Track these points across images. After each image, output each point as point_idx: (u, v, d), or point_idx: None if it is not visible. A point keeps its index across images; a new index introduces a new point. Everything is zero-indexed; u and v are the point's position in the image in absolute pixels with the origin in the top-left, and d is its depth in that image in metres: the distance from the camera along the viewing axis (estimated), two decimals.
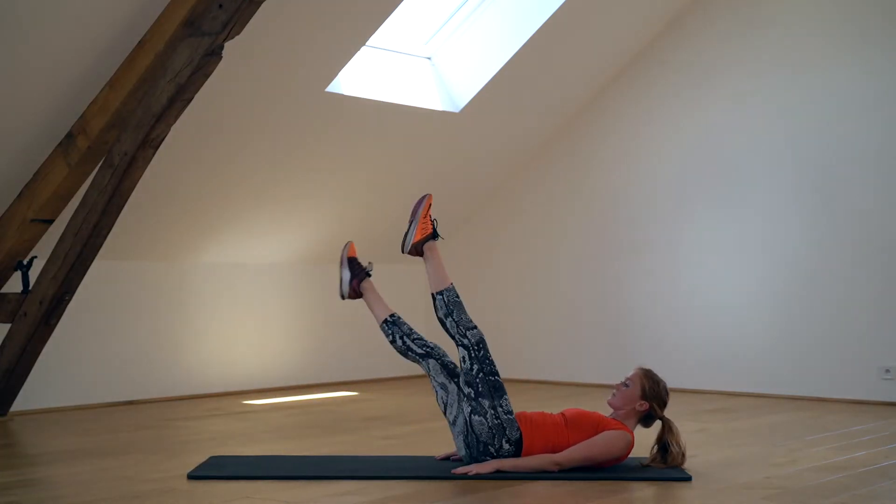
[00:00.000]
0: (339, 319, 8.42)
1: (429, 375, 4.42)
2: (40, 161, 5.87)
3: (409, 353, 4.47)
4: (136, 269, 7.16)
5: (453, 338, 4.39)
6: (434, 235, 4.58)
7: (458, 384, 4.33)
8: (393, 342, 4.51)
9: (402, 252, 4.61)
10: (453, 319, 4.39)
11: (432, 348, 4.47)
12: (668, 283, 7.78)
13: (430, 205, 4.59)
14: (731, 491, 3.94)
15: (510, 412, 4.27)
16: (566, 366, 8.29)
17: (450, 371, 4.41)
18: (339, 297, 4.71)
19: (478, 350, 4.32)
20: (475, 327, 4.39)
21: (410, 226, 4.55)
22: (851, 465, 4.46)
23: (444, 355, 4.46)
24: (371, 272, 4.64)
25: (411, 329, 4.53)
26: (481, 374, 4.28)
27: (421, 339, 4.49)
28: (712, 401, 6.95)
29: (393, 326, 4.52)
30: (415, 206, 4.60)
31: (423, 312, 9.13)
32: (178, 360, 7.38)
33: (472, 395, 4.27)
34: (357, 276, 4.61)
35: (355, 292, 4.63)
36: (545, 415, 4.34)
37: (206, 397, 7.40)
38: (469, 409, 4.26)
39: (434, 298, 4.46)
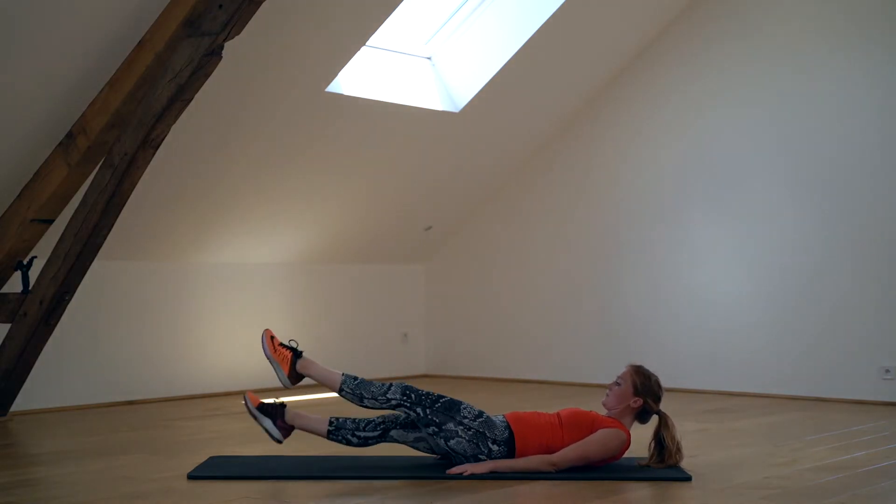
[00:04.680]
0: (339, 319, 8.43)
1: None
2: (40, 161, 5.87)
3: (369, 440, 4.42)
4: (136, 269, 7.17)
5: (382, 409, 4.34)
6: (297, 355, 4.45)
7: (423, 430, 4.32)
8: (349, 444, 4.44)
9: (289, 388, 4.50)
10: (368, 399, 4.33)
11: (384, 422, 4.44)
12: (668, 283, 7.78)
13: (272, 336, 4.46)
14: (731, 491, 3.94)
15: (479, 415, 4.28)
16: (566, 366, 8.29)
17: (413, 425, 4.41)
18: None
19: (409, 398, 4.29)
20: (390, 386, 4.33)
21: (273, 366, 4.43)
22: (851, 465, 4.46)
23: (398, 417, 4.45)
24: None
25: (356, 421, 4.44)
26: (428, 411, 4.27)
27: (371, 421, 4.43)
28: (712, 401, 6.95)
29: (338, 432, 4.43)
30: (263, 350, 4.45)
31: (423, 308, 9.15)
32: (178, 360, 7.38)
33: (437, 431, 4.27)
34: (277, 416, 4.46)
35: (286, 430, 4.47)
36: (539, 414, 4.34)
37: (206, 397, 7.40)
38: (442, 440, 4.28)
39: (341, 396, 4.39)
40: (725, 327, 7.45)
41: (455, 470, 4.19)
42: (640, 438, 4.49)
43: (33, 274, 6.07)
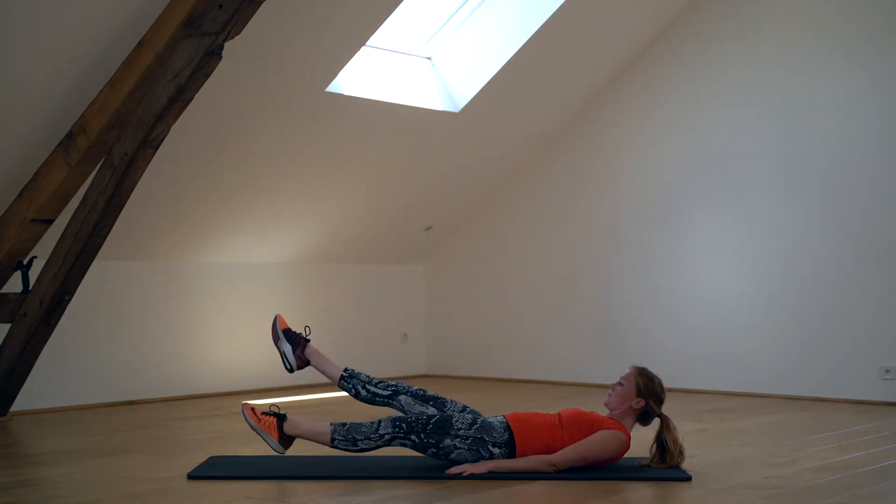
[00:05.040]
0: (340, 319, 8.43)
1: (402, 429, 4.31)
2: (40, 161, 5.87)
3: (377, 398, 4.47)
4: (136, 269, 7.17)
5: (378, 446, 4.32)
6: (282, 419, 4.39)
7: (437, 411, 4.35)
8: (357, 395, 4.49)
9: (282, 454, 4.45)
10: (362, 441, 4.29)
11: (397, 385, 4.49)
12: (668, 283, 7.78)
13: (253, 408, 4.41)
14: (731, 491, 3.94)
15: (473, 422, 4.26)
16: (566, 366, 8.29)
17: (423, 398, 4.45)
18: (286, 371, 4.57)
19: (401, 429, 4.26)
20: (379, 423, 4.29)
21: (262, 436, 4.38)
22: (851, 465, 4.46)
23: (410, 387, 4.50)
24: (310, 337, 4.57)
25: (369, 377, 4.53)
26: (423, 435, 4.25)
27: (382, 381, 4.50)
28: (712, 401, 6.95)
29: (351, 380, 4.50)
30: (248, 424, 4.41)
31: (423, 308, 9.15)
32: (178, 360, 7.38)
33: (436, 451, 4.27)
34: (299, 345, 4.54)
35: (302, 361, 4.53)
36: (539, 415, 4.34)
37: (206, 397, 7.40)
38: (444, 457, 4.28)
39: (334, 448, 4.35)
40: (725, 327, 7.45)
41: (454, 470, 4.19)
42: (642, 440, 4.50)
43: (33, 274, 6.08)
